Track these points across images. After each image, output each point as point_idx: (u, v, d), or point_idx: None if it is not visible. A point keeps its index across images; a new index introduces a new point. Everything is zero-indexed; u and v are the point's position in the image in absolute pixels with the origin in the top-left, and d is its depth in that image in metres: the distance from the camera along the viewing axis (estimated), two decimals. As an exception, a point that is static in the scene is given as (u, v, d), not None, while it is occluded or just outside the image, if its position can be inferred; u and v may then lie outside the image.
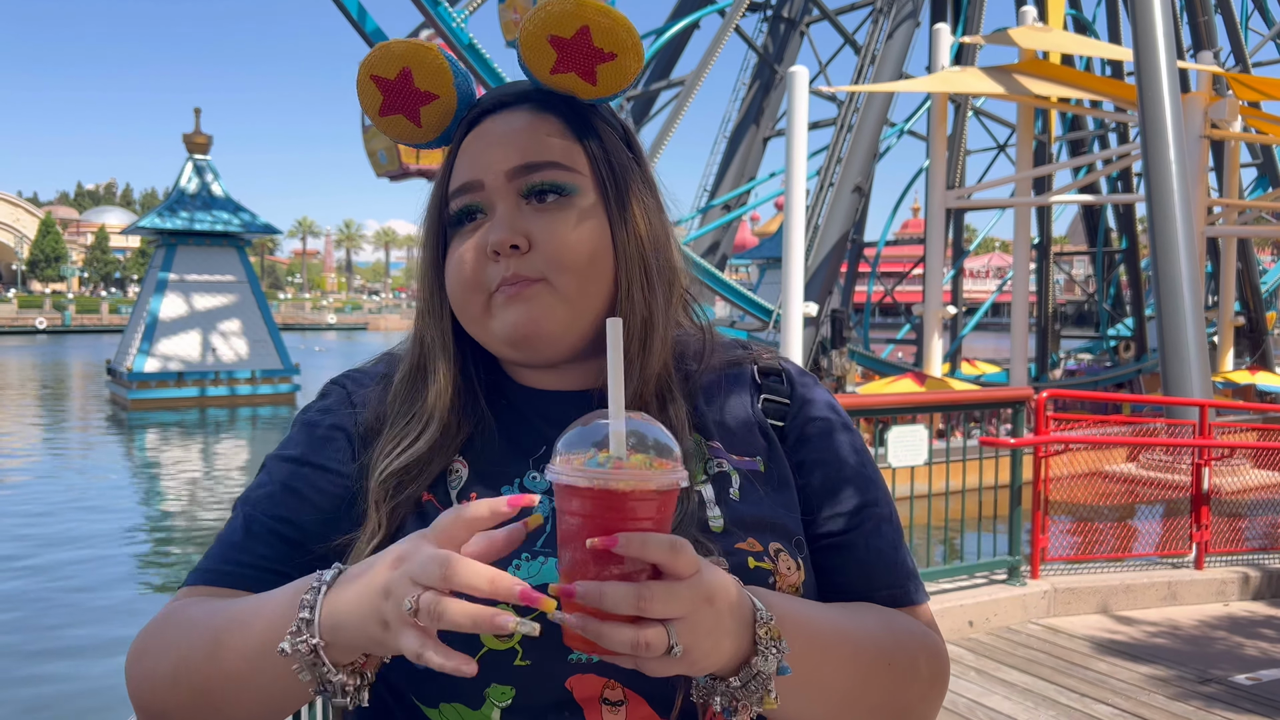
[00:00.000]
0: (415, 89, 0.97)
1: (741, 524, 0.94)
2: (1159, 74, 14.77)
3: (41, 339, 63.00)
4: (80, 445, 21.75)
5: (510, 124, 0.97)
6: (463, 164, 0.97)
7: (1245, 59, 27.48)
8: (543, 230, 0.93)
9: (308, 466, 0.98)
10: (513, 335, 0.93)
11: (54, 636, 8.82)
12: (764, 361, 1.09)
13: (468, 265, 0.95)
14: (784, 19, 27.44)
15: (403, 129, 1.00)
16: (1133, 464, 12.05)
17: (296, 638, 0.75)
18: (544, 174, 0.95)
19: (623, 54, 0.93)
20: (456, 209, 0.97)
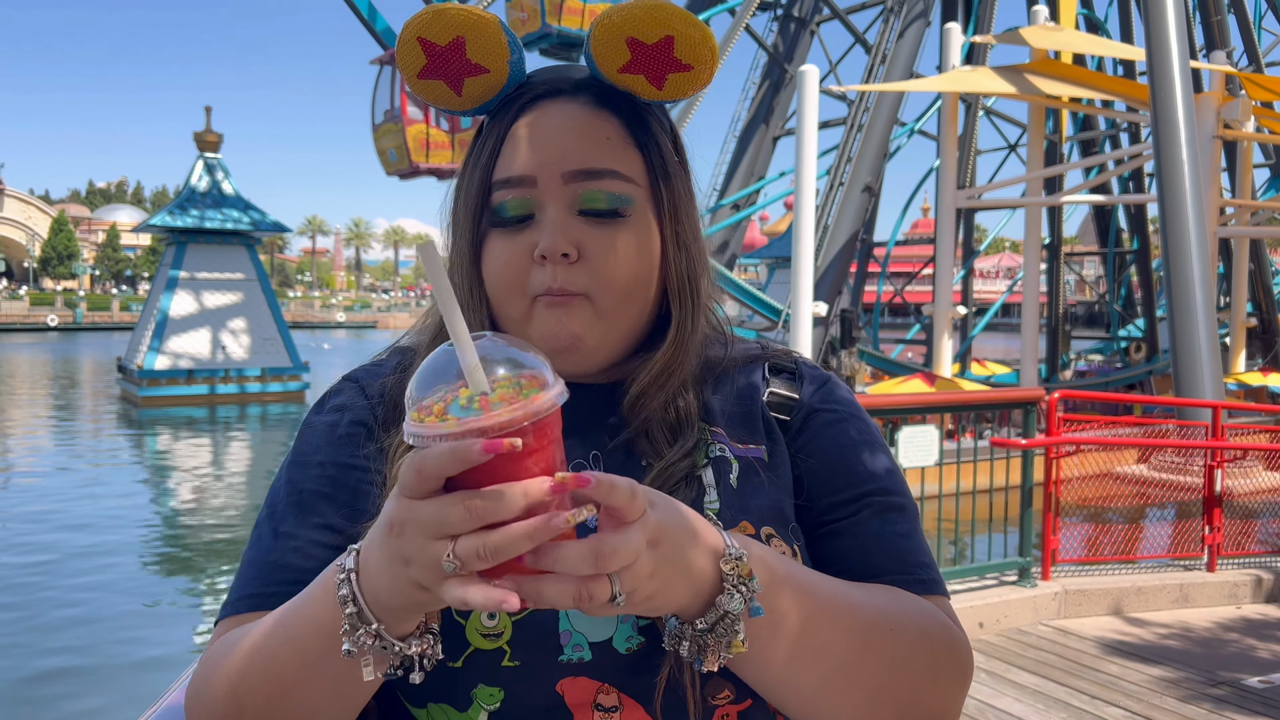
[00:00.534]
0: (465, 59, 0.91)
1: (737, 509, 0.93)
2: (1171, 74, 14.69)
3: (53, 336, 63.26)
4: (91, 442, 21.83)
5: (569, 118, 0.92)
6: (514, 154, 0.92)
7: (1259, 59, 27.32)
8: (594, 243, 0.91)
9: (335, 467, 0.94)
10: (554, 346, 0.91)
11: (64, 632, 8.85)
12: (776, 358, 1.08)
13: (512, 267, 0.91)
14: (794, 18, 27.37)
15: (439, 95, 0.94)
16: (1144, 465, 12.00)
17: (355, 633, 0.71)
18: (602, 183, 0.91)
19: (699, 67, 0.90)
20: (501, 201, 0.92)
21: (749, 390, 1.04)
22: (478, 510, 0.63)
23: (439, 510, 0.64)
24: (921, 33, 21.98)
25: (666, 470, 0.91)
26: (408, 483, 0.65)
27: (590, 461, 0.95)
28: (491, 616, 0.85)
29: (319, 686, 0.78)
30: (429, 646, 0.74)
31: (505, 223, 0.92)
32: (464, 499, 0.64)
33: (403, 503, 0.66)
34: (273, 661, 0.79)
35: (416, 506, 0.65)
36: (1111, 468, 7.51)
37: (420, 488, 0.65)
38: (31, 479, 17.00)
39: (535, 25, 21.36)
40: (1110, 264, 28.66)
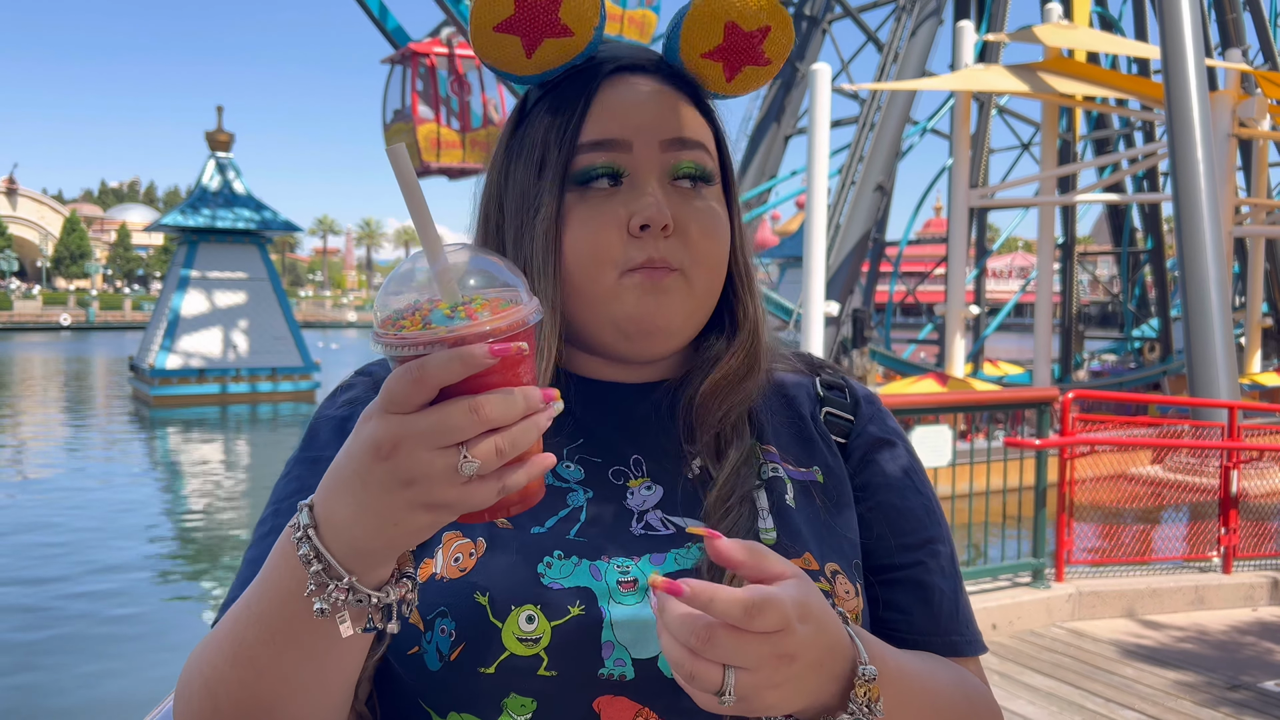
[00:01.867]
0: (556, 17, 0.85)
1: (796, 537, 0.88)
2: (1186, 72, 14.58)
3: (65, 335, 63.61)
4: (103, 441, 21.92)
5: (655, 90, 0.90)
6: (605, 117, 0.88)
7: (1274, 56, 27.10)
8: (690, 216, 0.88)
9: None
10: (641, 326, 0.87)
11: (74, 630, 8.87)
12: (828, 375, 1.04)
13: (604, 237, 0.86)
14: (806, 16, 27.29)
15: (506, 54, 0.88)
16: (1158, 466, 11.91)
17: (325, 591, 0.66)
18: (695, 154, 0.89)
19: (775, 63, 0.91)
20: (589, 164, 0.87)
21: (796, 404, 1.00)
22: (485, 412, 0.60)
23: (443, 417, 0.60)
24: (934, 31, 21.90)
25: (729, 485, 0.87)
26: (400, 395, 0.61)
27: (631, 467, 0.91)
28: (530, 620, 0.79)
29: (293, 661, 0.72)
30: (408, 592, 0.70)
31: (592, 188, 0.87)
32: (471, 402, 0.60)
33: (393, 420, 0.61)
34: (241, 644, 0.73)
35: (412, 420, 0.61)
36: (1125, 468, 7.44)
37: (415, 398, 0.60)
38: (44, 477, 17.08)
39: None
40: (1124, 263, 28.50)
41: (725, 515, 0.86)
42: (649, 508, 0.88)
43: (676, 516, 0.87)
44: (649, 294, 0.86)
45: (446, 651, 0.80)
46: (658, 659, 0.80)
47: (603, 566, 0.82)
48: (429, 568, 0.83)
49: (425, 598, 0.81)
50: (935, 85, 20.47)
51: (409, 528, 0.64)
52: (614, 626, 0.80)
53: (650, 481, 0.89)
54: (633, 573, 0.83)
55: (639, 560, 0.84)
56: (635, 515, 0.87)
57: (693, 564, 0.84)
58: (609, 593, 0.81)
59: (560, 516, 0.86)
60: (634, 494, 0.89)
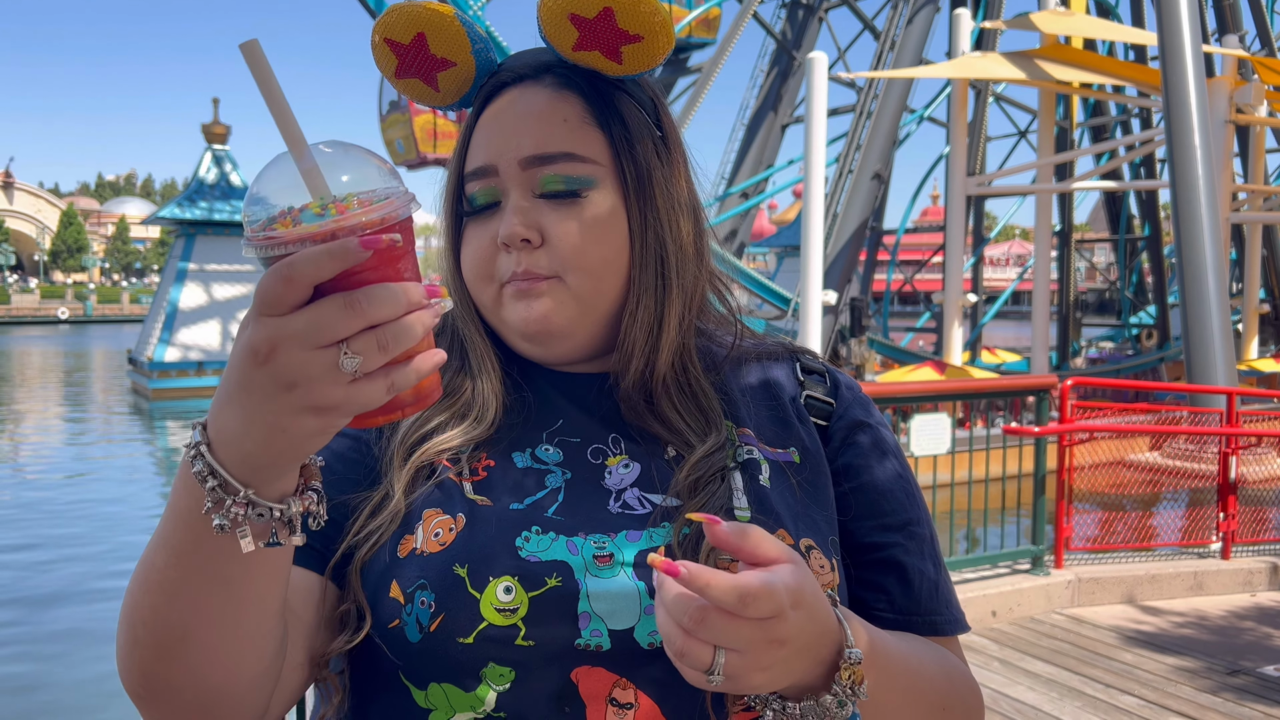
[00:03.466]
0: (430, 55, 0.91)
1: (770, 515, 0.89)
2: (1184, 58, 14.56)
3: (64, 329, 63.50)
4: (102, 434, 21.92)
5: (528, 104, 0.92)
6: (477, 146, 0.94)
7: (1271, 43, 27.07)
8: (555, 226, 0.90)
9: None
10: (523, 330, 0.92)
11: (70, 623, 8.89)
12: (803, 355, 1.06)
13: (481, 255, 0.93)
14: (802, 5, 27.23)
15: (420, 92, 0.96)
16: (1156, 453, 11.93)
17: (223, 506, 0.64)
18: (557, 166, 0.90)
19: (650, 36, 0.88)
20: (472, 194, 0.94)
21: (775, 388, 1.02)
22: (362, 307, 0.59)
23: (318, 314, 0.58)
24: (931, 18, 21.85)
25: (701, 465, 0.90)
26: (273, 295, 0.59)
27: (609, 445, 0.93)
28: (508, 591, 0.81)
29: (200, 586, 0.70)
30: (313, 504, 0.68)
31: (475, 213, 0.94)
32: (346, 299, 0.59)
33: (267, 322, 0.59)
34: (152, 569, 0.72)
35: (288, 321, 0.59)
36: (1123, 455, 7.47)
37: (288, 297, 0.59)
38: (42, 470, 17.08)
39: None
40: (1121, 251, 28.51)
41: (697, 493, 0.88)
42: (626, 486, 0.90)
43: (654, 494, 0.90)
44: (521, 301, 0.91)
45: (426, 623, 0.81)
46: (634, 630, 0.82)
47: (579, 542, 0.85)
48: (409, 543, 0.85)
49: (406, 572, 0.83)
50: (932, 73, 20.44)
51: (298, 434, 0.62)
52: (590, 598, 0.82)
53: (628, 459, 0.92)
54: (609, 548, 0.85)
55: (614, 537, 0.86)
56: (613, 494, 0.89)
57: (666, 541, 0.86)
58: (585, 566, 0.83)
59: (539, 496, 0.88)
60: (612, 472, 0.91)
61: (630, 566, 0.84)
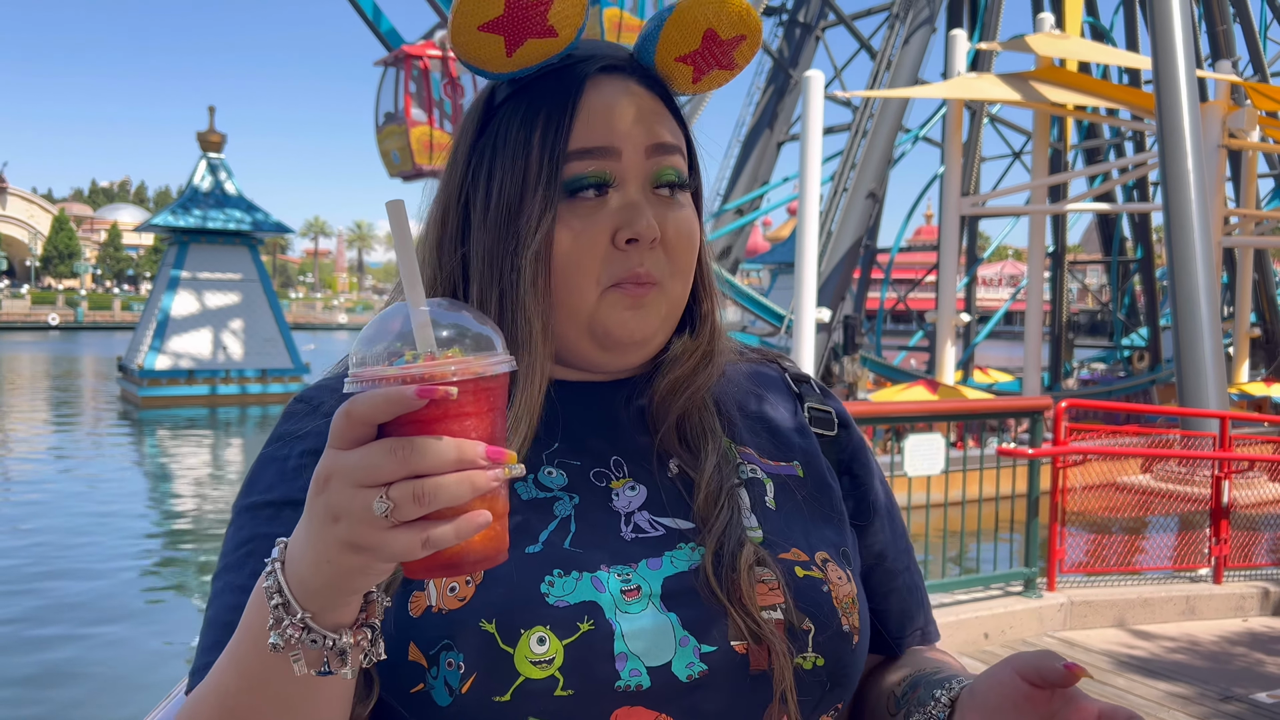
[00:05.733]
0: (543, 18, 0.83)
1: (782, 533, 0.88)
2: (1177, 83, 14.65)
3: (54, 335, 63.30)
4: (91, 442, 21.80)
5: (635, 93, 0.88)
6: (593, 122, 0.86)
7: (1264, 68, 27.30)
8: (672, 227, 0.87)
9: (288, 507, 0.83)
10: (619, 340, 0.86)
11: (60, 633, 8.81)
12: (792, 368, 1.06)
13: (591, 249, 0.85)
14: (800, 23, 27.36)
15: (487, 52, 0.85)
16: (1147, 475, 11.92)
17: (281, 625, 0.65)
18: (675, 160, 0.88)
19: (739, 67, 0.91)
20: (579, 173, 0.85)
21: (776, 404, 1.01)
22: (405, 455, 0.58)
23: (366, 454, 0.59)
24: (927, 39, 21.96)
25: (714, 483, 0.88)
26: (337, 430, 0.61)
27: (611, 468, 0.90)
28: (541, 642, 0.78)
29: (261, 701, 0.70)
30: (365, 641, 0.67)
31: (579, 197, 0.85)
32: (392, 443, 0.59)
33: (331, 454, 0.61)
34: (225, 694, 0.72)
35: (344, 455, 0.60)
36: (1115, 477, 7.45)
37: (349, 434, 0.60)
38: (31, 478, 16.97)
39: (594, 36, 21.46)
40: (1114, 272, 28.63)
41: (716, 514, 0.86)
42: (635, 509, 0.87)
43: (664, 516, 0.87)
44: (630, 309, 0.86)
45: (457, 685, 0.77)
46: (671, 664, 0.80)
47: (604, 577, 0.81)
48: (421, 600, 0.80)
49: (425, 632, 0.79)
50: (928, 93, 20.54)
51: (341, 567, 0.62)
52: (626, 637, 0.79)
53: (633, 481, 0.89)
54: (634, 580, 0.82)
55: (636, 566, 0.83)
56: (623, 518, 0.86)
57: (688, 565, 0.84)
58: (614, 603, 0.80)
59: (551, 530, 0.84)
60: (619, 495, 0.88)
61: (658, 598, 0.82)
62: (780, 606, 0.83)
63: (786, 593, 0.83)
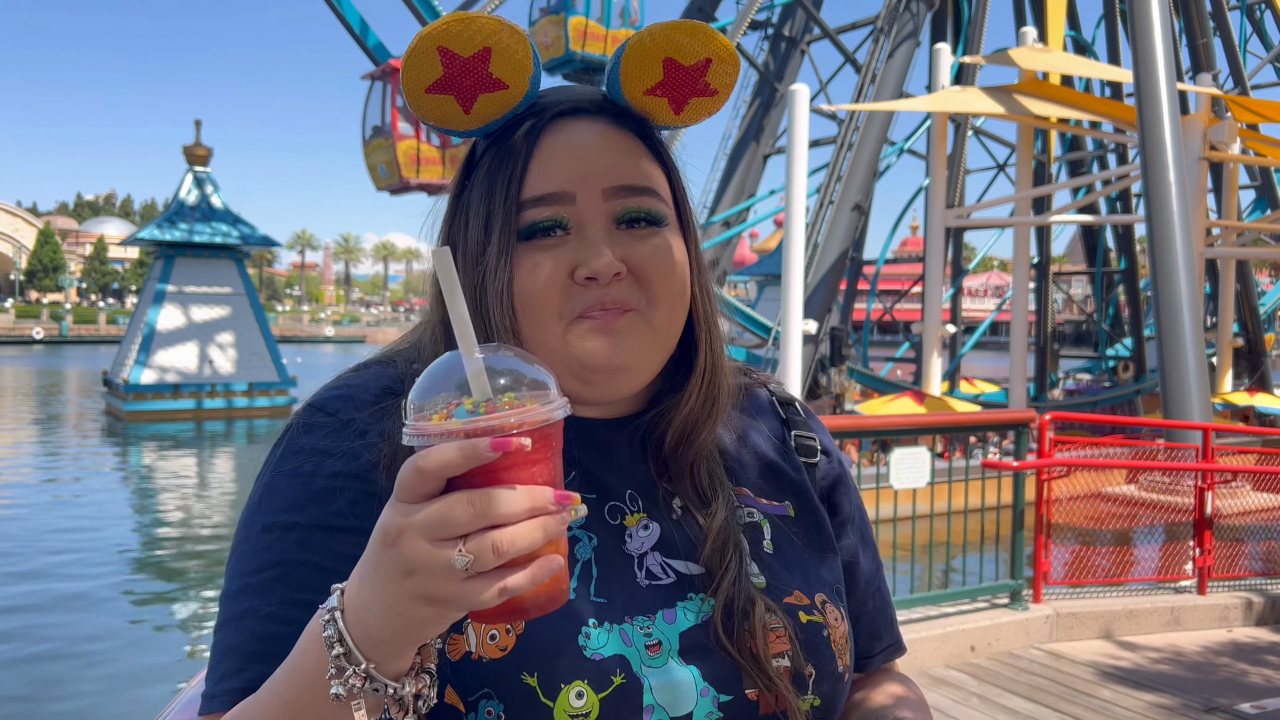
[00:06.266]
0: (486, 73, 0.84)
1: (781, 578, 0.91)
2: (1159, 96, 14.78)
3: (38, 349, 62.88)
4: (75, 457, 21.65)
5: (598, 135, 0.88)
6: (545, 170, 0.86)
7: (1244, 81, 27.56)
8: (641, 257, 0.87)
9: (321, 530, 0.82)
10: (598, 366, 0.86)
11: (46, 649, 8.73)
12: (780, 392, 1.07)
13: (551, 288, 0.85)
14: (785, 37, 27.52)
15: (445, 113, 0.86)
16: (1132, 485, 11.99)
17: (344, 675, 0.66)
18: (642, 200, 0.88)
19: (722, 93, 0.90)
20: (534, 219, 0.86)
21: (765, 435, 1.02)
22: (482, 508, 0.60)
23: (442, 509, 0.60)
24: (911, 53, 22.10)
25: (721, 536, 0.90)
26: (406, 484, 0.62)
27: (626, 502, 0.91)
28: (580, 696, 0.80)
29: None
30: (425, 687, 0.69)
31: (537, 241, 0.86)
32: (469, 497, 0.60)
33: (399, 508, 0.62)
34: None
35: (415, 510, 0.61)
36: (1099, 488, 7.49)
37: (420, 488, 0.61)
38: (14, 493, 16.83)
39: (559, 50, 21.62)
40: (1098, 283, 28.81)
41: (724, 568, 0.88)
42: (646, 550, 0.89)
43: (674, 559, 0.89)
44: (600, 336, 0.85)
45: None
46: (692, 714, 0.83)
47: (629, 630, 0.84)
48: (460, 645, 0.81)
49: (464, 679, 0.80)
50: (912, 106, 20.66)
51: (414, 619, 0.63)
52: (654, 690, 0.82)
53: (646, 519, 0.90)
54: (654, 634, 0.85)
55: (654, 619, 0.86)
56: (635, 560, 0.88)
57: (699, 618, 0.86)
58: (640, 657, 0.83)
59: (577, 575, 0.86)
60: (632, 535, 0.89)
61: (676, 652, 0.85)
62: (788, 654, 0.87)
63: (794, 641, 0.87)
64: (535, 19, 22.66)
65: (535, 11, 22.67)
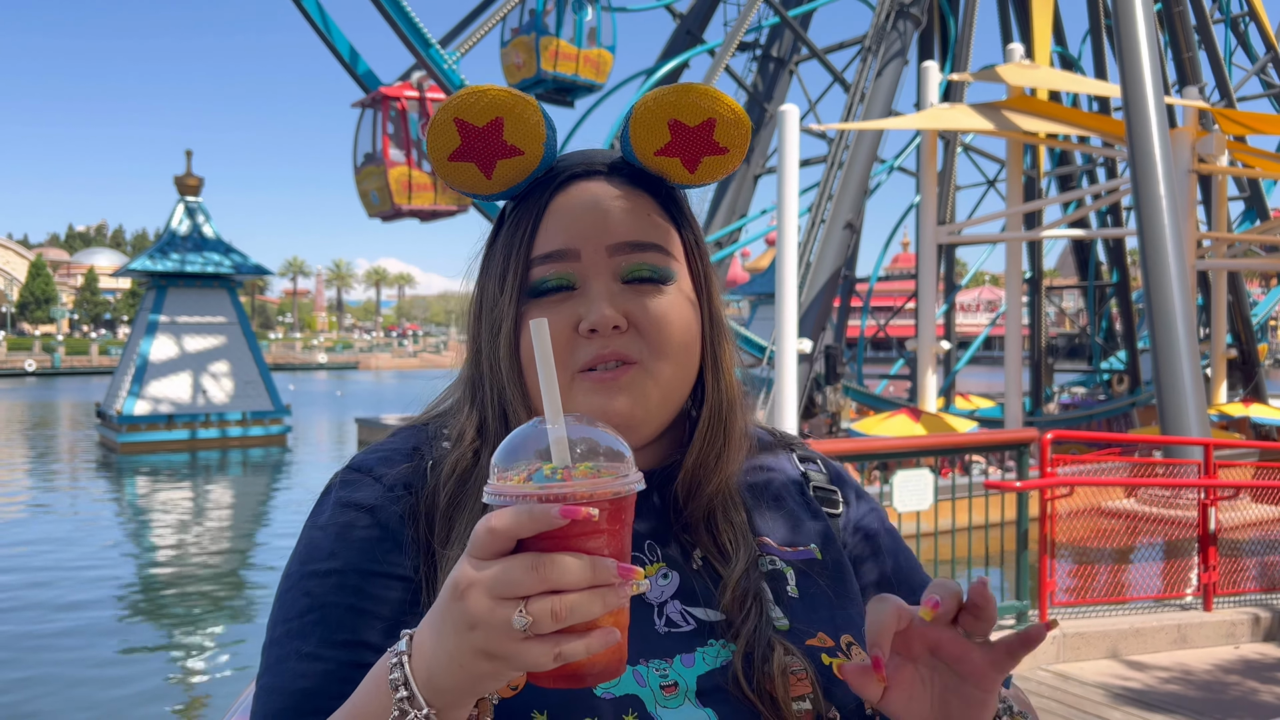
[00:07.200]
0: (501, 141, 0.89)
1: (806, 619, 0.92)
2: (1147, 110, 14.86)
3: (31, 381, 62.62)
4: (69, 489, 21.51)
5: (608, 194, 0.92)
6: (553, 229, 0.91)
7: (1230, 94, 27.76)
8: (643, 311, 0.90)
9: (359, 575, 0.87)
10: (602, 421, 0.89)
11: (39, 682, 8.63)
12: (800, 450, 1.08)
13: (556, 338, 0.88)
14: (773, 58, 27.65)
15: (468, 178, 0.92)
16: (1131, 500, 11.96)
17: (405, 718, 0.68)
18: (646, 256, 0.91)
19: (734, 150, 0.92)
20: (542, 276, 0.91)
21: (780, 484, 1.03)
22: (545, 572, 0.62)
23: (508, 569, 0.63)
24: (899, 71, 22.21)
25: (741, 586, 0.90)
26: (479, 542, 0.64)
27: (645, 553, 0.93)
28: None
29: None
30: None
31: (545, 297, 0.91)
32: (534, 560, 0.63)
33: (470, 563, 0.65)
34: None
35: (484, 566, 0.64)
36: (1099, 502, 7.47)
37: (490, 547, 0.64)
38: (7, 527, 16.69)
39: (531, 71, 21.68)
40: (1091, 296, 28.88)
41: (744, 616, 0.89)
42: (666, 598, 0.90)
43: (694, 607, 0.90)
44: (605, 393, 0.88)
45: None
46: None
47: (644, 671, 0.85)
48: None
49: None
50: (902, 124, 20.76)
51: (473, 672, 0.66)
52: None
53: (666, 568, 0.92)
54: (670, 676, 0.86)
55: (672, 662, 0.86)
56: (655, 609, 0.89)
57: (718, 663, 0.87)
58: (655, 698, 0.84)
59: None
60: (652, 584, 0.91)
61: (694, 693, 0.85)
62: (809, 696, 0.86)
63: (815, 683, 0.87)
64: (507, 39, 22.74)
65: (507, 32, 22.73)
